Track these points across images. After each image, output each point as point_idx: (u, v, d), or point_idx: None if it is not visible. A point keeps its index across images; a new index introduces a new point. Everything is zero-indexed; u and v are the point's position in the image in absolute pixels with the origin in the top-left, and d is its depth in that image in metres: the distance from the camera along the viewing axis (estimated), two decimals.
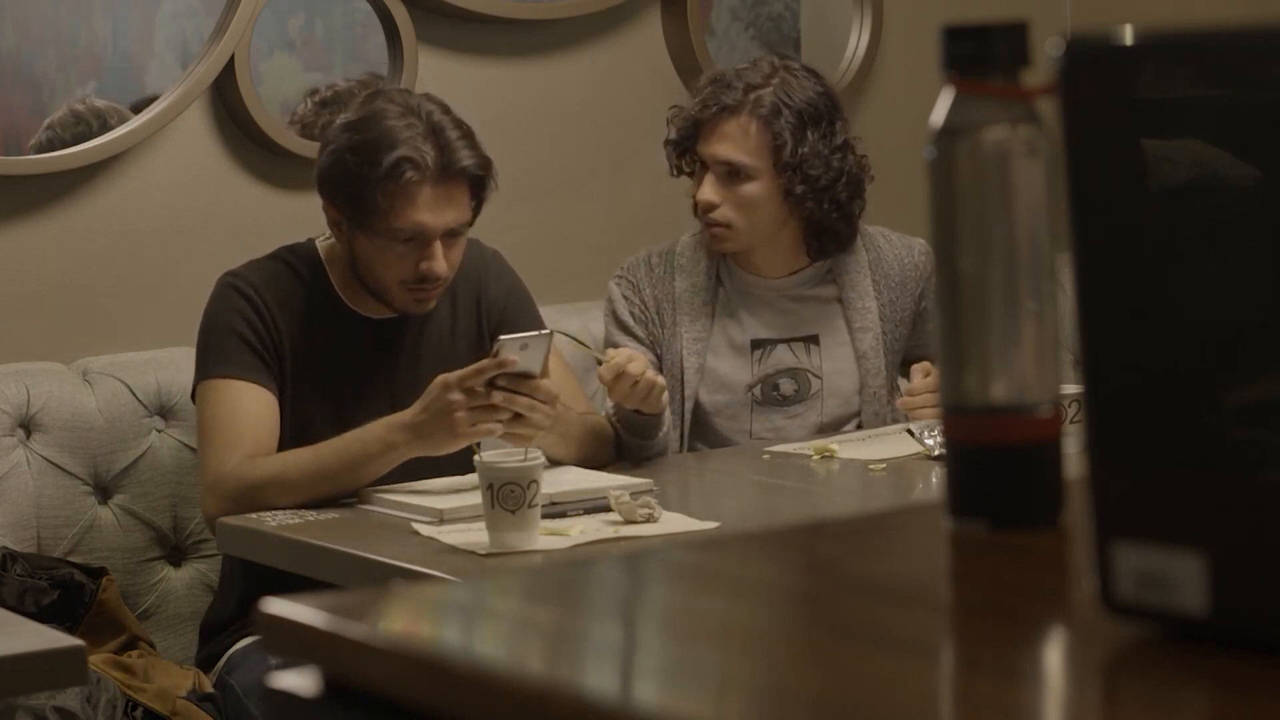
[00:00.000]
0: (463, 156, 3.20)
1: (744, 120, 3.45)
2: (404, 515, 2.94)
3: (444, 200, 3.19)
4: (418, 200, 3.17)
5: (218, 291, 3.29)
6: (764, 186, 3.46)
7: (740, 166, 3.45)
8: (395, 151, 3.15)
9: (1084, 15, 4.57)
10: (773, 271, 3.56)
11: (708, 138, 3.47)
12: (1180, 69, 1.07)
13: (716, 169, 3.46)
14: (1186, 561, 1.06)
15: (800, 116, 3.45)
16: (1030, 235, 1.36)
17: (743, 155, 3.45)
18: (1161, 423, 1.08)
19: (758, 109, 3.45)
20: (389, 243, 3.19)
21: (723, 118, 3.46)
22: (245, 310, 3.25)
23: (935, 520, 1.39)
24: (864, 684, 1.07)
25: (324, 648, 1.22)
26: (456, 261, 3.26)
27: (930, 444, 3.22)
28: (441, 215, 3.19)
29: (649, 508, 2.80)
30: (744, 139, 3.45)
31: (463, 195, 3.21)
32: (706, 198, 3.46)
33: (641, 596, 1.35)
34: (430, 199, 3.18)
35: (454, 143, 3.20)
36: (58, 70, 3.73)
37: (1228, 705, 1.01)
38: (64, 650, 2.41)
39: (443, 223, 3.19)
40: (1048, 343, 1.37)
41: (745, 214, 3.47)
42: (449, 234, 3.21)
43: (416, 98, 3.27)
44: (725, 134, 3.46)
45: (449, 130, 3.21)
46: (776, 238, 3.52)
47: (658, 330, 3.55)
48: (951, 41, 1.38)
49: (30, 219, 3.66)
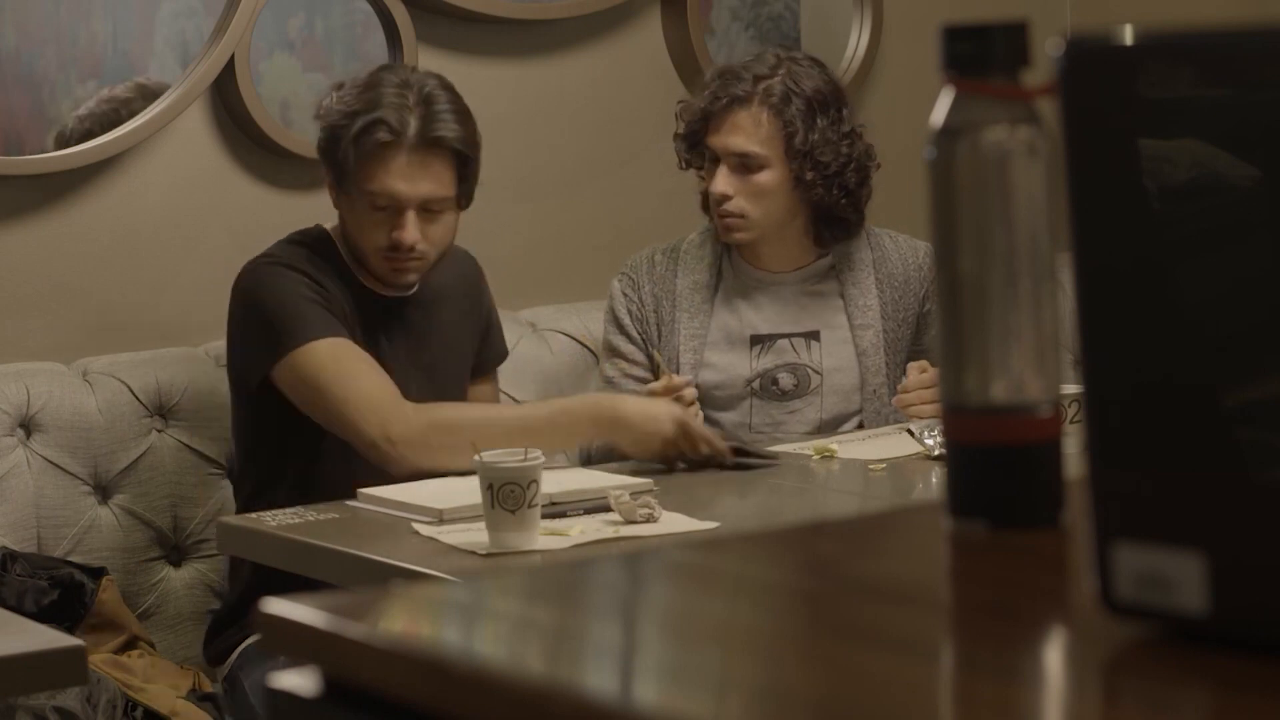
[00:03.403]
0: (442, 127, 3.20)
1: (755, 110, 3.47)
2: (404, 515, 2.95)
3: (419, 169, 3.19)
4: (391, 165, 3.19)
5: (264, 273, 3.25)
6: (776, 175, 3.48)
7: (753, 156, 3.47)
8: (374, 113, 3.19)
9: (1084, 15, 4.57)
10: (779, 265, 3.57)
11: (719, 129, 3.49)
12: (1180, 69, 1.07)
13: (729, 160, 3.48)
14: (1186, 561, 1.06)
15: (809, 104, 3.48)
16: (1030, 235, 1.36)
17: (755, 145, 3.47)
18: (1162, 423, 1.08)
19: (768, 98, 3.47)
20: (366, 208, 3.23)
21: (734, 109, 3.48)
22: (303, 280, 3.24)
23: (935, 520, 1.39)
24: (864, 684, 1.07)
25: (324, 648, 1.22)
26: (440, 239, 3.26)
27: (930, 444, 3.22)
28: (415, 185, 3.20)
29: (649, 507, 2.80)
30: (756, 129, 3.47)
31: (443, 169, 3.21)
32: (720, 189, 3.48)
33: (641, 596, 1.35)
34: (405, 166, 3.19)
35: (439, 114, 3.20)
36: (58, 70, 3.73)
37: (1228, 705, 1.01)
38: (64, 650, 2.41)
39: (417, 192, 3.20)
40: (1048, 343, 1.37)
41: (758, 203, 3.49)
42: (426, 208, 3.21)
43: (421, 74, 3.29)
44: (737, 125, 3.48)
45: (439, 103, 3.22)
46: (787, 228, 3.54)
47: (654, 331, 3.56)
48: (951, 41, 1.38)
49: (30, 219, 3.66)
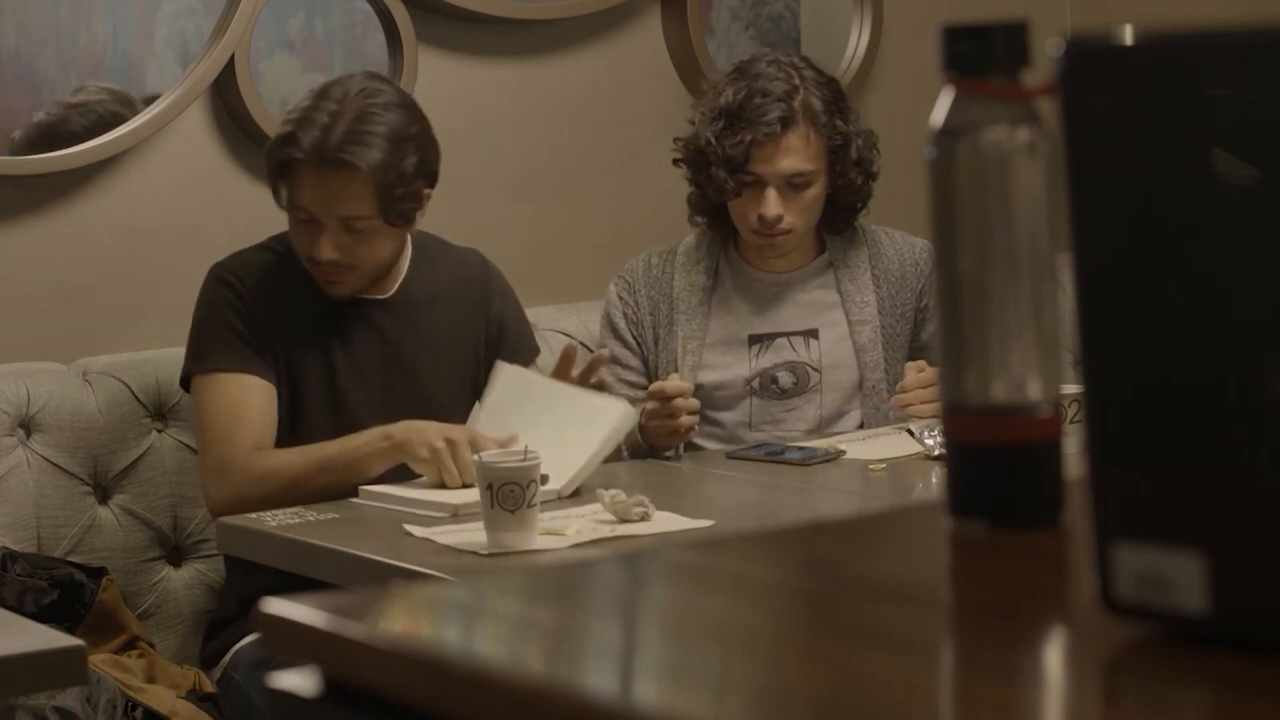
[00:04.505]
0: (353, 150, 3.17)
1: (803, 130, 3.50)
2: (414, 511, 2.95)
3: (331, 187, 3.19)
4: (303, 182, 3.21)
5: (206, 283, 3.34)
6: (821, 186, 3.53)
7: (805, 174, 3.50)
8: (291, 129, 3.21)
9: (1084, 15, 4.57)
10: (782, 265, 3.58)
11: (770, 157, 3.48)
12: (1180, 69, 1.07)
13: (777, 181, 3.48)
14: (1186, 561, 1.06)
15: (831, 107, 3.52)
16: (1030, 235, 1.36)
17: (807, 163, 3.50)
18: (1161, 423, 1.08)
19: (808, 115, 3.50)
20: (293, 219, 3.25)
21: (784, 133, 3.48)
22: (233, 301, 3.29)
23: (935, 520, 1.39)
24: (864, 684, 1.07)
25: (324, 648, 1.22)
26: (369, 255, 3.26)
27: (930, 444, 3.22)
28: (327, 203, 3.20)
29: (643, 506, 2.81)
30: (806, 147, 3.50)
31: (360, 189, 3.19)
32: (775, 212, 3.48)
33: (641, 596, 1.35)
34: (314, 181, 3.20)
35: (360, 134, 3.18)
36: (58, 70, 3.73)
37: (1228, 705, 1.01)
38: (64, 650, 2.41)
39: (331, 210, 3.21)
40: (1048, 343, 1.37)
41: (806, 215, 3.53)
42: (348, 225, 3.21)
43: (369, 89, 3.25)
44: (789, 148, 3.49)
45: (367, 123, 3.19)
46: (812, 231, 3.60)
47: (650, 334, 3.57)
48: (951, 41, 1.38)
49: (30, 219, 3.66)
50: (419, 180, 3.24)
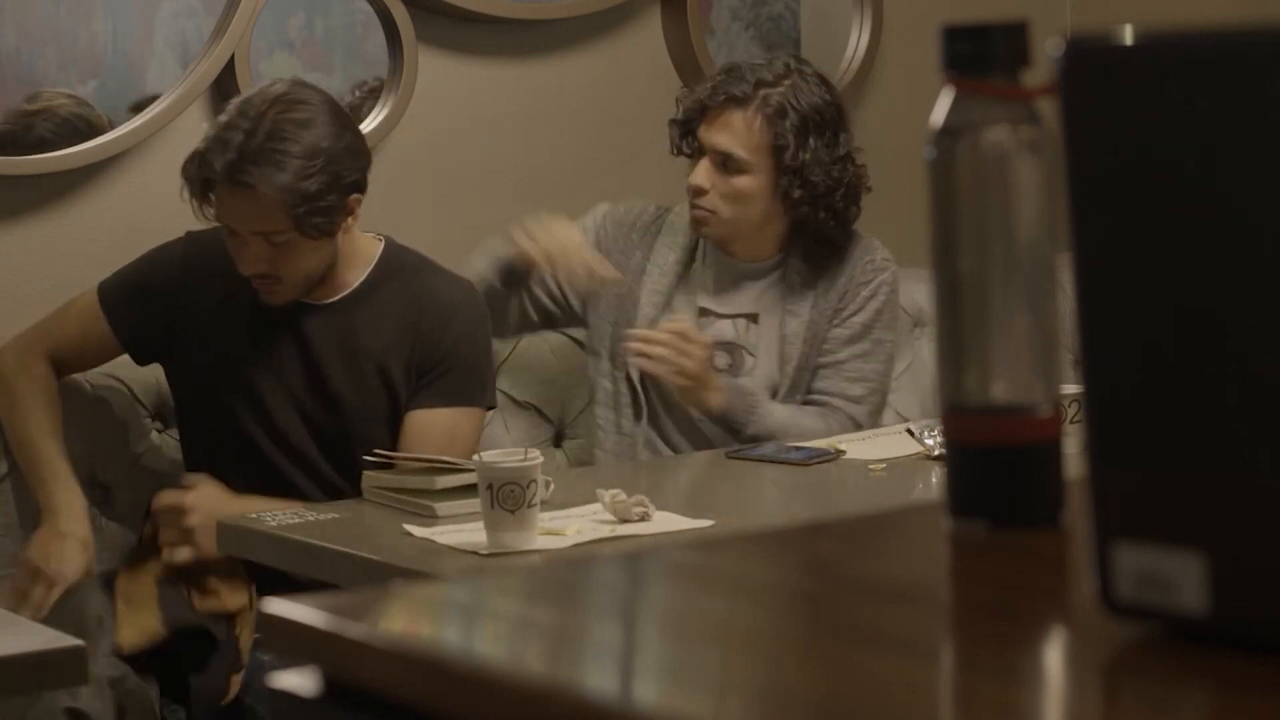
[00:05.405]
0: (252, 172, 3.14)
1: (749, 115, 3.49)
2: (401, 509, 2.94)
3: (240, 204, 3.18)
4: (216, 196, 3.20)
5: (173, 242, 3.41)
6: (756, 182, 3.50)
7: (736, 159, 3.50)
8: (201, 145, 3.21)
9: (1084, 15, 4.57)
10: (747, 257, 3.60)
11: (710, 125, 3.52)
12: (1180, 69, 1.07)
13: (713, 156, 3.51)
14: (1186, 561, 1.06)
15: (805, 121, 3.50)
16: (1030, 235, 1.36)
17: (740, 149, 3.49)
18: (1161, 423, 1.08)
19: (764, 106, 3.49)
20: (223, 229, 3.25)
21: (729, 108, 3.51)
22: (155, 270, 3.39)
23: (935, 520, 1.39)
24: (864, 684, 1.07)
25: (324, 648, 1.22)
26: (295, 266, 3.24)
27: (930, 444, 3.22)
28: (239, 219, 3.20)
29: (643, 506, 2.81)
30: (746, 133, 3.49)
31: (269, 205, 3.16)
32: (698, 182, 3.53)
33: (641, 596, 1.35)
34: (226, 197, 3.19)
35: (265, 153, 3.15)
36: (58, 70, 3.73)
37: (1228, 705, 1.01)
38: (64, 650, 2.41)
39: (244, 225, 3.20)
40: (1048, 343, 1.37)
41: (732, 205, 3.53)
42: (268, 238, 3.20)
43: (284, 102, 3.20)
44: (728, 124, 3.50)
45: (274, 140, 3.16)
46: (759, 232, 3.58)
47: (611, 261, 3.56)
48: (951, 41, 1.38)
49: (30, 219, 3.66)
50: (334, 194, 3.19)
